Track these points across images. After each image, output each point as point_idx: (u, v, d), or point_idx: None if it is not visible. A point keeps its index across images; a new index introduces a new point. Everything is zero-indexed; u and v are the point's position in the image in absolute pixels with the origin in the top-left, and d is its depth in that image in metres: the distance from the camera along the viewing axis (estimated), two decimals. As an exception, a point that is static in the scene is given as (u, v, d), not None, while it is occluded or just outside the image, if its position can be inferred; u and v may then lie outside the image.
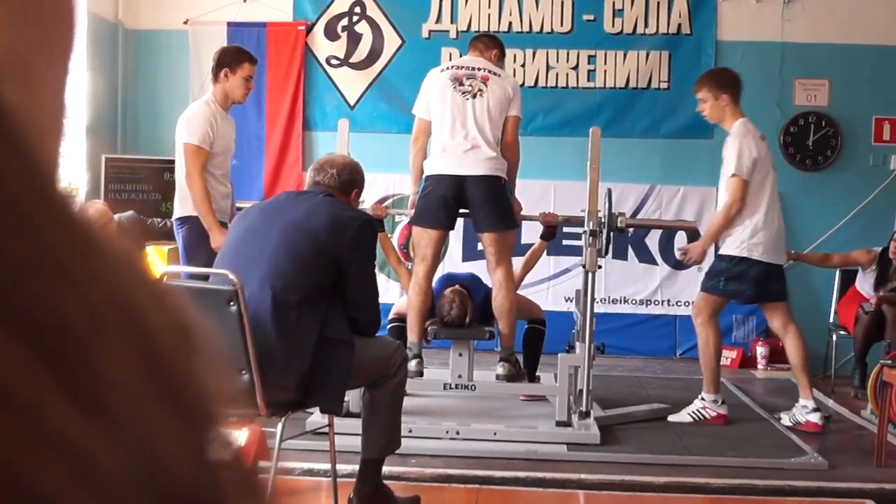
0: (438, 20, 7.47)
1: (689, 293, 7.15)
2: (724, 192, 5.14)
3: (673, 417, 5.14)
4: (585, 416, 4.79)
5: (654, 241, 7.38)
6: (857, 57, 7.26)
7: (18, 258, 0.25)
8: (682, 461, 4.43)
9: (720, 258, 5.15)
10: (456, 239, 7.02)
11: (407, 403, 3.71)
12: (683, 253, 5.38)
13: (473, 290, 5.20)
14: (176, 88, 7.40)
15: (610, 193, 5.04)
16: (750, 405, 5.69)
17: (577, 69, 7.43)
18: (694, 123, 7.33)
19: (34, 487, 0.24)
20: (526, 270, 5.54)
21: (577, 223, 5.17)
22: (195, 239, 4.84)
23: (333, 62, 7.57)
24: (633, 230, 5.57)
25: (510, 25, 7.42)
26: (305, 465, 4.04)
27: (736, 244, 5.05)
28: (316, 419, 4.21)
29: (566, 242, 6.77)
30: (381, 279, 5.32)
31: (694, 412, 5.12)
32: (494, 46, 5.17)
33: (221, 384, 0.32)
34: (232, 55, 5.07)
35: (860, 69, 7.28)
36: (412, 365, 4.63)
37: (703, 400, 5.15)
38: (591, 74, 7.43)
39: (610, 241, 4.97)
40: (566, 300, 7.09)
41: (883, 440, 4.53)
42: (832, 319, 6.70)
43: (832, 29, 7.26)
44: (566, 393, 4.81)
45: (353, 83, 7.56)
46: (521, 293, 5.30)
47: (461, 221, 5.20)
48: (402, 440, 3.56)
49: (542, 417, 4.92)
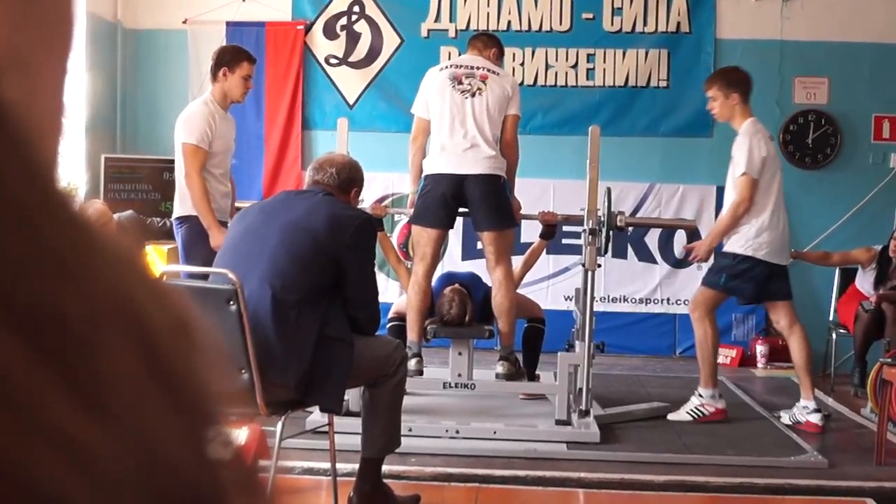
0: (437, 19, 7.47)
1: (688, 292, 7.14)
2: (731, 190, 5.12)
3: (672, 416, 5.14)
4: (585, 414, 4.79)
5: (653, 239, 7.38)
6: (856, 55, 7.26)
7: (19, 255, 0.25)
8: (681, 460, 4.43)
9: (724, 255, 5.15)
10: (455, 238, 7.01)
11: (407, 402, 3.71)
12: (688, 251, 5.37)
13: (473, 288, 5.20)
14: (175, 88, 7.40)
15: (609, 192, 5.04)
16: (750, 404, 5.69)
17: (576, 68, 7.43)
18: (693, 122, 7.36)
19: (35, 483, 0.24)
20: (525, 269, 5.54)
21: (576, 222, 5.18)
22: (194, 238, 4.84)
23: (332, 61, 7.57)
24: (632, 229, 5.56)
25: (509, 24, 7.41)
26: (305, 463, 4.04)
27: (741, 242, 5.05)
28: (316, 418, 4.21)
29: (566, 241, 6.77)
30: (380, 278, 5.32)
31: (692, 410, 5.12)
32: (493, 45, 5.17)
33: (221, 382, 0.32)
34: (231, 54, 5.06)
35: (859, 67, 7.28)
36: (412, 364, 4.63)
37: (700, 396, 5.14)
38: (590, 73, 7.43)
39: (609, 239, 4.97)
40: (566, 299, 7.09)
41: (883, 438, 4.53)
42: (832, 318, 6.69)
43: (831, 27, 7.26)
44: (566, 392, 4.81)
45: (352, 82, 7.55)
46: (520, 292, 5.30)
47: (460, 220, 5.20)
48: (401, 439, 3.57)
49: (541, 416, 4.92)
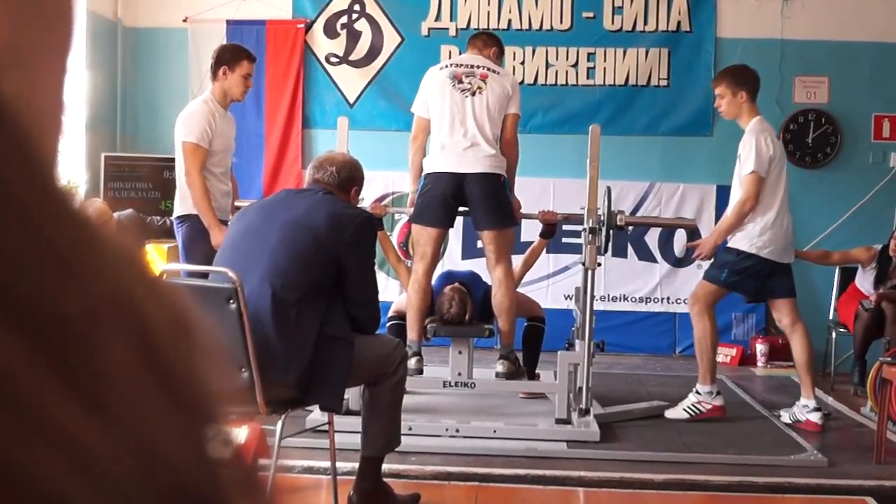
0: (438, 18, 7.47)
1: (688, 290, 7.11)
2: (737, 188, 5.11)
3: (669, 413, 5.13)
4: (585, 413, 4.79)
5: (653, 238, 7.38)
6: (856, 54, 7.26)
7: (19, 254, 0.25)
8: (681, 458, 4.43)
9: (728, 251, 5.14)
10: (455, 237, 7.02)
11: (407, 401, 3.71)
12: (692, 248, 5.37)
13: (473, 287, 5.20)
14: (175, 86, 7.40)
15: (609, 191, 5.03)
16: (750, 402, 5.69)
17: (576, 67, 7.43)
18: (694, 121, 7.36)
19: (35, 483, 0.24)
20: (525, 268, 5.53)
21: (576, 221, 5.17)
22: (195, 237, 4.84)
23: (333, 60, 7.57)
24: (632, 228, 5.56)
25: (510, 23, 7.41)
26: (305, 462, 4.04)
27: (745, 240, 5.04)
28: (316, 417, 4.21)
29: (566, 240, 6.77)
30: (380, 277, 5.32)
31: (689, 407, 5.12)
32: (493, 44, 5.16)
33: (221, 381, 0.32)
34: (230, 53, 5.06)
35: (860, 66, 7.28)
36: (412, 363, 4.63)
37: (697, 394, 5.14)
38: (590, 72, 7.43)
39: (609, 238, 4.97)
40: (566, 298, 7.09)
41: (882, 437, 4.53)
42: (832, 317, 6.70)
43: (832, 26, 7.26)
44: (566, 390, 4.81)
45: (352, 81, 7.55)
46: (520, 291, 5.30)
47: (460, 219, 5.20)
48: (401, 438, 3.57)
49: (541, 415, 4.92)
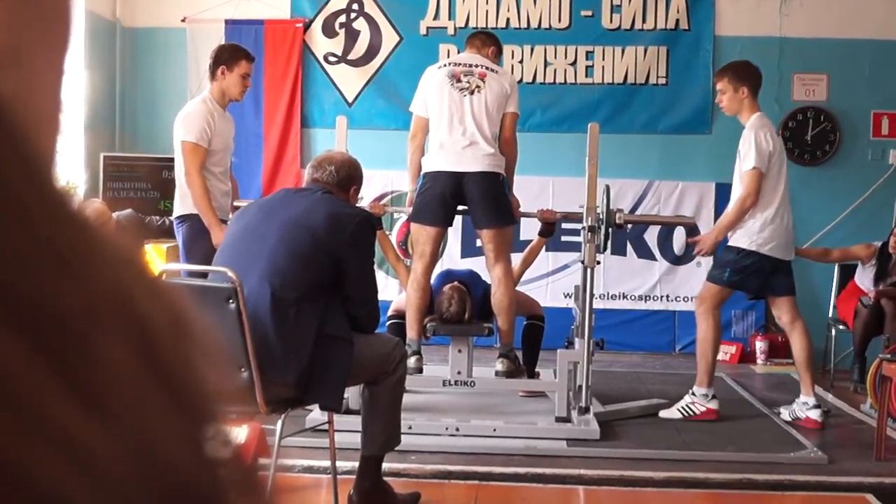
0: (436, 17, 7.47)
1: (688, 288, 7.16)
2: (738, 184, 5.11)
3: (664, 413, 5.12)
4: (585, 411, 4.79)
5: (652, 236, 7.38)
6: (855, 51, 7.26)
7: (17, 254, 0.25)
8: (681, 456, 4.43)
9: (729, 249, 5.14)
10: (454, 235, 7.01)
11: (406, 400, 3.71)
12: (692, 244, 5.37)
13: (472, 286, 5.20)
14: (174, 86, 7.40)
15: (608, 189, 5.03)
16: (749, 400, 5.69)
17: (575, 65, 7.43)
18: (692, 119, 7.37)
19: (35, 483, 0.23)
20: (525, 267, 5.53)
21: (575, 219, 5.17)
22: (195, 236, 4.84)
23: (331, 59, 7.57)
24: (631, 226, 5.56)
25: (508, 21, 7.41)
26: (305, 462, 4.04)
27: (745, 237, 5.04)
28: (316, 416, 4.21)
29: (565, 238, 6.77)
30: (379, 276, 5.32)
31: (683, 408, 5.11)
32: (491, 43, 5.17)
33: (221, 381, 0.32)
34: (229, 53, 5.05)
35: (858, 64, 7.28)
36: (411, 362, 4.63)
37: (693, 395, 5.13)
38: (589, 70, 7.43)
39: (608, 236, 4.97)
40: (565, 296, 7.09)
41: (882, 434, 4.53)
42: (831, 314, 6.70)
43: (830, 24, 7.26)
44: (565, 389, 4.81)
45: (351, 80, 7.55)
46: (519, 289, 5.30)
47: (459, 218, 5.20)
48: (401, 437, 3.57)
49: (541, 413, 4.92)
